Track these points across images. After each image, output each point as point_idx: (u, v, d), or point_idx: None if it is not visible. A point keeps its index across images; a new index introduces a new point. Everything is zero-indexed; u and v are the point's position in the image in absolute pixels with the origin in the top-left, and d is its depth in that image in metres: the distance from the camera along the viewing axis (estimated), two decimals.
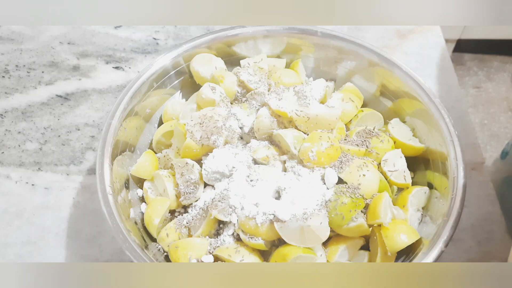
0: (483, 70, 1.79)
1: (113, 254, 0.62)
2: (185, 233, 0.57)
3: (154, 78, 0.64)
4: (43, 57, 0.81)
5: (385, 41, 0.83)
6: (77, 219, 0.65)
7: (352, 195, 0.54)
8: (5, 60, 0.80)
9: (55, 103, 0.76)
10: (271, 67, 0.68)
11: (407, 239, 0.53)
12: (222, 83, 0.64)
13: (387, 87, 0.66)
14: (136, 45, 0.83)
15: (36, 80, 0.78)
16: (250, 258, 0.53)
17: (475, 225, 0.65)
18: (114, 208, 0.53)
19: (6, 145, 0.72)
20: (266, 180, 0.57)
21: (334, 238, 0.56)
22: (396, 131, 0.64)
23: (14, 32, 0.84)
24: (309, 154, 0.56)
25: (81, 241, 0.63)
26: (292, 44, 0.69)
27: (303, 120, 0.59)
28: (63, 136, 0.73)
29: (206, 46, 0.66)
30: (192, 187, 0.58)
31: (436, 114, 0.59)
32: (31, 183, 0.68)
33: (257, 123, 0.61)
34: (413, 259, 0.52)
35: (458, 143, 0.57)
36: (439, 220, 0.53)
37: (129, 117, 0.61)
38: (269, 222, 0.53)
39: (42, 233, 0.64)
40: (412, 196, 0.58)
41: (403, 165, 0.60)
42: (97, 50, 0.82)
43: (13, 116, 0.74)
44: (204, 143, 0.59)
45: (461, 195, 0.53)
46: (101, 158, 0.56)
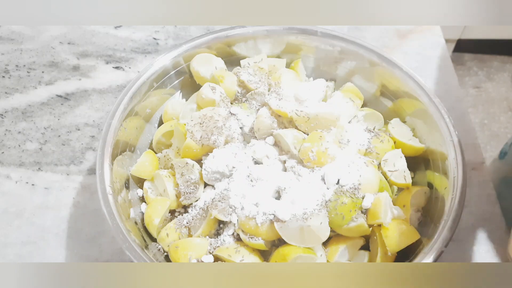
0: (483, 70, 1.79)
1: (113, 254, 0.62)
2: (185, 233, 0.57)
3: (154, 78, 0.64)
4: (43, 57, 0.81)
5: (385, 41, 0.83)
6: (77, 219, 0.65)
7: (352, 195, 0.54)
8: (5, 60, 0.80)
9: (55, 103, 0.76)
10: (271, 67, 0.68)
11: (407, 239, 0.53)
12: (222, 83, 0.64)
13: (387, 87, 0.66)
14: (136, 45, 0.83)
15: (36, 80, 0.78)
16: (250, 258, 0.53)
17: (475, 225, 0.65)
18: (114, 208, 0.53)
19: (6, 145, 0.72)
20: (266, 180, 0.57)
21: (334, 238, 0.56)
22: (396, 131, 0.64)
23: (14, 32, 0.84)
24: (309, 154, 0.56)
25: (81, 241, 0.63)
26: (292, 44, 0.69)
27: (303, 120, 0.59)
28: (63, 136, 0.73)
29: (206, 46, 0.66)
30: (192, 187, 0.58)
31: (436, 114, 0.59)
32: (31, 183, 0.68)
33: (257, 123, 0.61)
34: (413, 259, 0.52)
35: (458, 143, 0.57)
36: (439, 220, 0.53)
37: (129, 117, 0.61)
38: (269, 222, 0.53)
39: (42, 233, 0.64)
40: (412, 196, 0.58)
41: (403, 165, 0.60)
42: (97, 50, 0.82)
43: (13, 116, 0.74)
44: (204, 143, 0.59)
45: (461, 195, 0.53)
46: (101, 158, 0.56)
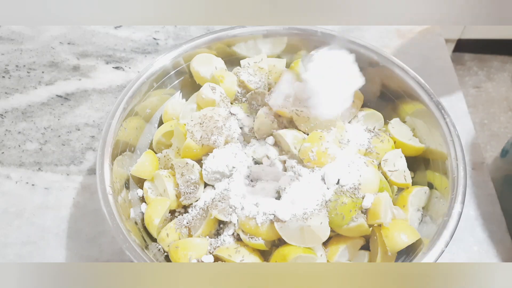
0: (483, 70, 1.79)
1: (113, 254, 0.62)
2: (185, 233, 0.57)
3: (154, 78, 0.64)
4: (43, 57, 0.81)
5: (385, 41, 0.83)
6: (77, 219, 0.65)
7: (352, 195, 0.54)
8: (5, 60, 0.81)
9: (55, 103, 0.76)
10: (271, 67, 0.68)
11: (407, 239, 0.53)
12: (222, 83, 0.64)
13: (387, 87, 0.66)
14: (136, 45, 0.83)
15: (36, 80, 0.78)
16: (250, 258, 0.53)
17: (475, 225, 0.65)
18: (114, 208, 0.53)
19: (6, 145, 0.72)
20: (266, 180, 0.57)
21: (334, 238, 0.56)
22: (396, 131, 0.64)
23: (14, 32, 0.84)
24: (309, 154, 0.56)
25: (81, 241, 0.63)
26: (292, 44, 0.69)
27: (303, 120, 0.59)
28: (63, 136, 0.73)
29: (206, 46, 0.67)
30: (192, 187, 0.58)
31: (436, 114, 0.59)
32: (31, 183, 0.68)
33: (257, 123, 0.61)
34: (413, 259, 0.52)
35: (458, 143, 0.57)
36: (439, 220, 0.53)
37: (129, 117, 0.61)
38: (269, 222, 0.53)
39: (42, 233, 0.64)
40: (412, 196, 0.58)
41: (403, 165, 0.60)
42: (97, 50, 0.82)
43: (13, 116, 0.74)
44: (204, 143, 0.59)
45: (461, 195, 0.53)
46: (101, 158, 0.56)
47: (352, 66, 0.58)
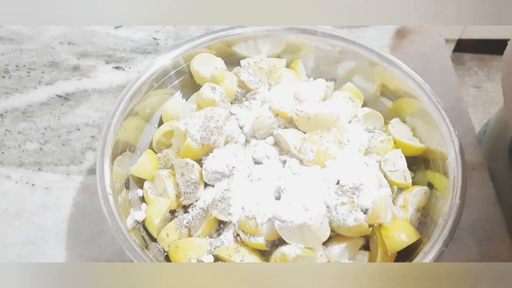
0: (483, 70, 1.79)
1: (113, 254, 0.62)
2: (185, 233, 0.57)
3: (154, 78, 0.64)
4: (43, 57, 0.81)
5: (385, 41, 0.83)
6: (77, 219, 0.65)
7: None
8: (5, 60, 0.80)
9: (55, 103, 0.76)
10: (271, 67, 0.68)
11: (407, 239, 0.53)
12: (222, 83, 0.64)
13: (387, 87, 0.66)
14: (136, 45, 0.83)
15: (36, 80, 0.78)
16: (250, 258, 0.53)
17: (475, 225, 0.65)
18: (114, 208, 0.53)
19: (6, 145, 0.72)
20: (266, 180, 0.57)
21: (334, 238, 0.56)
22: (396, 131, 0.64)
23: (14, 32, 0.84)
24: (309, 154, 0.56)
25: (81, 241, 0.63)
26: (292, 44, 0.69)
27: (303, 120, 0.59)
28: (63, 136, 0.73)
29: (206, 46, 0.66)
30: (192, 187, 0.58)
31: (436, 114, 0.59)
32: (31, 183, 0.68)
33: (257, 123, 0.61)
34: (413, 259, 0.52)
35: (458, 143, 0.57)
36: (439, 220, 0.53)
37: (129, 117, 0.61)
38: (269, 222, 0.53)
39: (42, 233, 0.64)
40: (412, 196, 0.58)
41: (403, 165, 0.60)
42: (97, 50, 0.82)
43: (13, 116, 0.74)
44: (204, 143, 0.59)
45: (461, 195, 0.53)
46: (101, 158, 0.56)
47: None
